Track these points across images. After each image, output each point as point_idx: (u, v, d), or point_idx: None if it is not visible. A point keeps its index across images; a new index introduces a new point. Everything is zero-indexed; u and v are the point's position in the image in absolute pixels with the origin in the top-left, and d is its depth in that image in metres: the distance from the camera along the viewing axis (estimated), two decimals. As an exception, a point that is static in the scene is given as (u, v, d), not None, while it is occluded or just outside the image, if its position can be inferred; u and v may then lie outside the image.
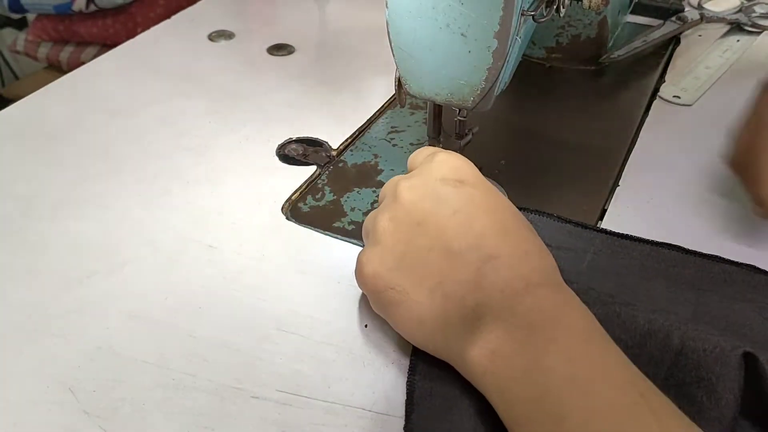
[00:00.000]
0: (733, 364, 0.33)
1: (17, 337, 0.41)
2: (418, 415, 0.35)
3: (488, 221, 0.35)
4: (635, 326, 0.36)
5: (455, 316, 0.34)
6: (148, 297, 0.43)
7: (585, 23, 0.65)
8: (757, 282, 0.42)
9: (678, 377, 0.34)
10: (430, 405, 0.35)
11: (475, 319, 0.33)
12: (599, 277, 0.42)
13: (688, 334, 0.34)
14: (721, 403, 0.33)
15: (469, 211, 0.36)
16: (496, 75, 0.40)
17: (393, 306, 0.36)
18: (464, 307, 0.33)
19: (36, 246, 0.47)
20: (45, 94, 0.65)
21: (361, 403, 0.37)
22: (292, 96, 0.64)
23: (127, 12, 1.37)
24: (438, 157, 0.39)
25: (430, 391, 0.36)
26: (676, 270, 0.42)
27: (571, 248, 0.44)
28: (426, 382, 0.36)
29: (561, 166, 0.54)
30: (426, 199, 0.37)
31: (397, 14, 0.39)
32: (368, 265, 0.37)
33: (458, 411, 0.34)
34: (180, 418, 0.36)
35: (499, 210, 0.36)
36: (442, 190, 0.37)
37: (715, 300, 0.40)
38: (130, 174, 0.54)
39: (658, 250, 0.44)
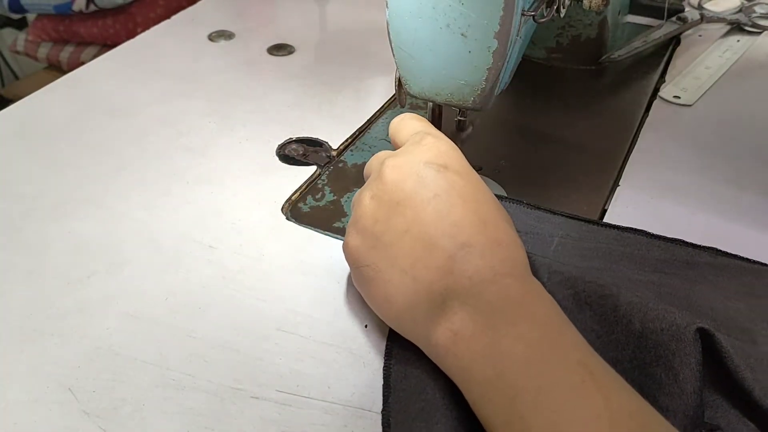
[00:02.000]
0: (687, 339, 0.34)
1: (17, 337, 0.41)
2: (395, 398, 0.36)
3: (466, 210, 0.35)
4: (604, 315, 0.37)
5: (423, 299, 0.35)
6: (148, 297, 0.43)
7: (585, 23, 0.65)
8: (719, 263, 0.43)
9: (641, 359, 0.35)
10: (405, 387, 0.36)
11: (441, 303, 0.34)
12: (566, 260, 0.43)
13: (647, 316, 0.36)
14: (679, 378, 0.34)
15: (449, 197, 0.36)
16: (496, 75, 0.40)
17: (367, 282, 0.37)
18: (432, 291, 0.34)
19: (36, 246, 0.47)
20: (45, 94, 0.65)
21: (361, 403, 0.37)
22: (292, 96, 0.64)
23: (127, 12, 1.37)
24: (426, 140, 0.39)
25: (404, 374, 0.37)
26: (640, 254, 0.43)
27: (539, 233, 0.45)
28: (401, 366, 0.37)
29: (561, 165, 0.54)
30: (407, 180, 0.37)
31: (398, 14, 0.39)
32: (350, 241, 0.38)
33: (431, 390, 0.35)
34: (180, 418, 0.36)
35: (479, 200, 0.36)
36: (424, 172, 0.37)
37: (678, 282, 0.41)
38: (130, 174, 0.54)
39: (624, 234, 0.45)
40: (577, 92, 0.65)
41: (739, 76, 0.65)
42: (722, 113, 0.55)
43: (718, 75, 0.65)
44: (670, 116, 0.60)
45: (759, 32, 0.71)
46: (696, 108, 0.61)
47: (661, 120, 0.59)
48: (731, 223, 0.48)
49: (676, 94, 0.62)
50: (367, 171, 0.43)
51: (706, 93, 0.62)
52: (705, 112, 0.60)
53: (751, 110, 0.60)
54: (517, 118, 0.61)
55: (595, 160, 0.54)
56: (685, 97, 0.61)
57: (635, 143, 0.56)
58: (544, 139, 0.58)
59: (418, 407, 0.34)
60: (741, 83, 0.64)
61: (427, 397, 0.35)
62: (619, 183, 0.52)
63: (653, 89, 0.63)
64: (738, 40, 0.70)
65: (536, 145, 0.57)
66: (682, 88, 0.63)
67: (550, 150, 0.56)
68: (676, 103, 0.61)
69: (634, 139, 0.57)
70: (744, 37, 0.71)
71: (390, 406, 0.35)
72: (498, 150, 0.56)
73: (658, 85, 0.64)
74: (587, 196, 0.50)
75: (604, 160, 0.54)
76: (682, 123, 0.59)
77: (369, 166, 0.42)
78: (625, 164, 0.54)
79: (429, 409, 0.34)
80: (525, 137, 0.58)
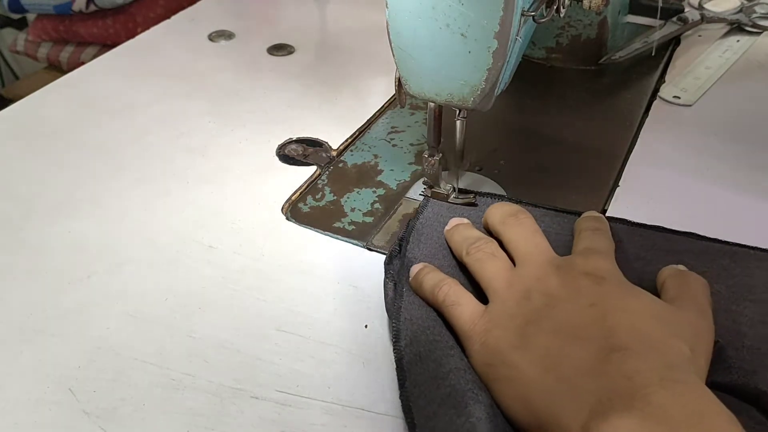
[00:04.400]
0: None
1: (17, 337, 0.41)
2: (411, 382, 0.35)
3: (621, 318, 0.34)
4: None
5: (570, 400, 0.32)
6: (148, 297, 0.43)
7: (585, 23, 0.65)
8: (697, 248, 0.43)
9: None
10: (421, 370, 0.36)
11: (594, 405, 0.31)
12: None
13: None
14: None
15: (605, 306, 0.35)
16: (496, 75, 0.40)
17: (501, 381, 0.35)
18: (582, 393, 0.32)
19: (36, 246, 0.47)
20: (45, 94, 0.65)
21: (361, 404, 0.37)
22: (292, 96, 0.64)
23: (127, 12, 1.37)
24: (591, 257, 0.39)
25: (418, 356, 0.36)
26: (622, 243, 0.44)
27: None
28: (412, 347, 0.37)
29: (561, 166, 0.54)
30: (564, 288, 0.37)
31: (397, 14, 0.39)
32: (492, 336, 0.36)
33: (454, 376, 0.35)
34: (180, 418, 0.36)
35: (636, 310, 0.35)
36: (583, 282, 0.37)
37: (659, 270, 0.41)
38: (130, 174, 0.54)
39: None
40: (576, 92, 0.65)
41: (739, 76, 0.65)
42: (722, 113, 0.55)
43: (718, 75, 0.65)
44: (670, 116, 0.60)
45: (759, 32, 0.71)
46: (696, 108, 0.61)
47: (661, 120, 0.59)
48: (731, 223, 0.48)
49: (676, 94, 0.62)
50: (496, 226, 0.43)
51: (706, 93, 0.62)
52: (705, 112, 0.60)
53: (751, 110, 0.60)
54: (517, 118, 0.61)
55: (595, 160, 0.54)
56: (685, 97, 0.61)
57: (635, 143, 0.56)
58: (544, 139, 0.57)
59: (444, 393, 0.34)
60: (741, 83, 0.64)
61: (451, 383, 0.34)
62: (619, 183, 0.52)
63: (653, 89, 0.63)
64: (738, 40, 0.70)
65: (536, 145, 0.57)
66: (682, 88, 0.63)
67: (549, 150, 0.56)
68: (676, 103, 0.61)
69: (634, 139, 0.57)
70: (744, 37, 0.71)
71: (408, 391, 0.35)
72: (498, 150, 0.56)
73: (658, 85, 0.64)
74: (587, 196, 0.50)
75: (604, 160, 0.54)
76: (682, 123, 0.59)
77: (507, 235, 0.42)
78: (625, 164, 0.54)
79: (456, 396, 0.34)
80: (525, 137, 0.58)
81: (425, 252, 0.44)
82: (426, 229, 0.45)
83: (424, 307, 0.39)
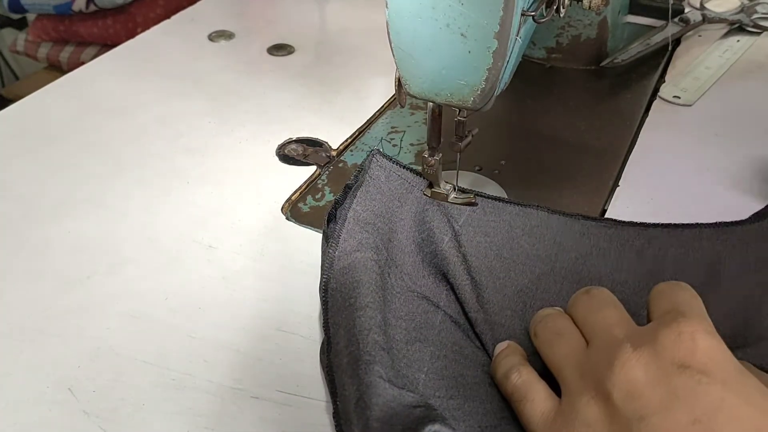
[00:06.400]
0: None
1: (17, 337, 0.41)
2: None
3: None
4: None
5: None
6: (148, 297, 0.43)
7: (585, 23, 0.65)
8: (611, 234, 0.44)
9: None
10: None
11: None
12: (471, 234, 0.44)
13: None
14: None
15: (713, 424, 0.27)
16: (496, 75, 0.40)
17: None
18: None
19: (36, 246, 0.47)
20: (45, 94, 0.65)
21: (361, 404, 0.37)
22: (292, 96, 0.64)
23: (127, 12, 1.37)
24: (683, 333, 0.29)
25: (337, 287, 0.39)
26: (540, 229, 0.44)
27: (449, 209, 0.46)
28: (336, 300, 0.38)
29: (561, 166, 0.54)
30: (657, 389, 0.28)
31: (397, 14, 0.39)
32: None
33: (362, 335, 0.35)
34: (180, 418, 0.36)
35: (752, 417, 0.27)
36: (680, 381, 0.28)
37: (573, 257, 0.42)
38: (130, 174, 0.54)
39: (526, 210, 0.46)
40: (576, 92, 0.65)
41: (739, 77, 0.65)
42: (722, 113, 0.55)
43: (718, 75, 0.65)
44: (670, 116, 0.60)
45: (759, 32, 0.71)
46: (696, 108, 0.61)
47: (661, 120, 0.59)
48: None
49: (676, 94, 0.62)
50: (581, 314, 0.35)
51: (706, 93, 0.62)
52: (705, 112, 0.60)
53: (751, 110, 0.60)
54: (517, 118, 0.61)
55: (595, 160, 0.54)
56: (685, 97, 0.61)
57: (635, 143, 0.56)
58: (544, 139, 0.57)
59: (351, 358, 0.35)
60: (741, 83, 0.64)
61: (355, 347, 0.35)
62: (618, 183, 0.52)
63: (653, 89, 0.63)
64: (738, 41, 0.70)
65: (536, 145, 0.57)
66: (682, 88, 0.63)
67: (549, 150, 0.56)
68: (676, 103, 0.61)
69: (634, 139, 0.57)
70: (744, 37, 0.71)
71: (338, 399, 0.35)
72: (498, 150, 0.56)
73: (658, 85, 0.64)
74: (587, 196, 0.50)
75: (604, 160, 0.54)
76: (682, 123, 0.59)
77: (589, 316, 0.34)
78: (625, 164, 0.54)
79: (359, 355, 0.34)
80: (525, 137, 0.58)
81: (371, 209, 0.44)
82: (372, 188, 0.45)
83: (349, 273, 0.39)
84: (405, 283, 0.41)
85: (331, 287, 0.39)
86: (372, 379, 0.33)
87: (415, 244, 0.44)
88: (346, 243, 0.41)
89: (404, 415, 0.31)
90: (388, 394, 0.32)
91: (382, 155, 0.47)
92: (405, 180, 0.47)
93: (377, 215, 0.44)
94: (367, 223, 0.43)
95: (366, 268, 0.39)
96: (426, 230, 0.44)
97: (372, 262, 0.40)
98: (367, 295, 0.37)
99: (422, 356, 0.37)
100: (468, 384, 0.36)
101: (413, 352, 0.37)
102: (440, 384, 0.36)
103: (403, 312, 0.39)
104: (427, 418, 0.30)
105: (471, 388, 0.36)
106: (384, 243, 0.42)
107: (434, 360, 0.37)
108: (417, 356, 0.37)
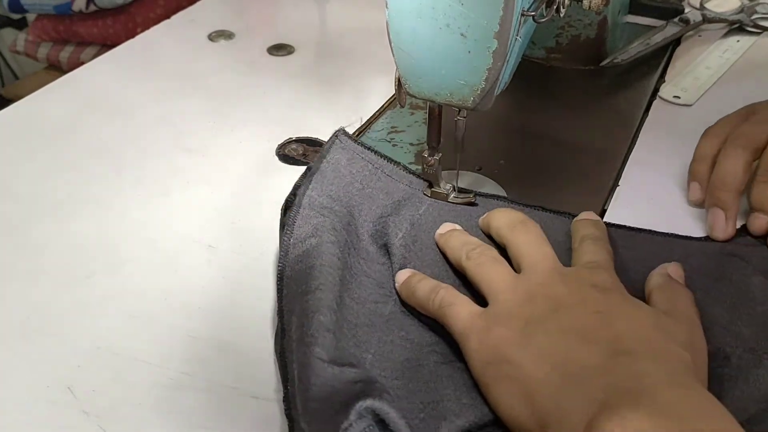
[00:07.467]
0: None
1: (17, 337, 0.41)
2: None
3: (626, 325, 0.34)
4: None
5: (575, 397, 0.32)
6: (148, 297, 0.43)
7: (585, 23, 0.65)
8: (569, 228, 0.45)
9: None
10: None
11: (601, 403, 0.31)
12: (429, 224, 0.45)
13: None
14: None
15: (610, 314, 0.35)
16: (496, 75, 0.40)
17: (501, 380, 0.34)
18: (588, 389, 0.32)
19: (36, 246, 0.47)
20: (45, 94, 0.65)
21: (361, 403, 0.37)
22: (292, 96, 0.64)
23: (127, 12, 1.37)
24: (597, 271, 0.39)
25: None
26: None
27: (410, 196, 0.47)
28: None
29: (561, 166, 0.54)
30: (570, 296, 0.36)
31: (397, 14, 0.39)
32: (494, 334, 0.35)
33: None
34: (179, 418, 0.36)
35: (639, 318, 0.35)
36: (589, 292, 0.37)
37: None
38: (130, 174, 0.54)
39: (486, 199, 0.47)
40: (576, 92, 0.65)
41: (739, 77, 0.65)
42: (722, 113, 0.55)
43: (718, 75, 0.65)
44: (670, 116, 0.60)
45: (759, 32, 0.71)
46: (696, 108, 0.61)
47: (661, 120, 0.59)
48: (731, 223, 0.47)
49: (676, 94, 0.62)
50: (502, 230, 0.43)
51: (706, 93, 0.62)
52: (705, 112, 0.60)
53: (751, 110, 0.60)
54: (517, 118, 0.61)
55: (594, 160, 0.54)
56: (685, 97, 0.61)
57: (635, 143, 0.56)
58: (544, 139, 0.57)
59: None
60: (741, 83, 0.64)
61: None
62: (618, 183, 0.52)
63: (653, 89, 0.63)
64: (738, 41, 0.70)
65: (536, 145, 0.57)
66: (682, 88, 0.63)
67: (549, 150, 0.56)
68: (676, 103, 0.61)
69: (634, 139, 0.57)
70: (744, 37, 0.71)
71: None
72: (498, 150, 0.56)
73: (657, 85, 0.64)
74: (587, 196, 0.50)
75: (604, 160, 0.54)
76: (682, 123, 0.59)
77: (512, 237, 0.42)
78: (625, 164, 0.54)
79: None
80: (525, 137, 0.58)
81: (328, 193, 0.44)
82: (330, 171, 0.46)
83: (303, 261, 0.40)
84: (362, 267, 0.42)
85: (287, 275, 0.40)
86: (311, 360, 0.33)
87: (374, 229, 0.44)
88: (300, 230, 0.41)
89: (344, 392, 0.32)
90: (328, 373, 0.33)
91: (346, 135, 0.48)
92: (369, 162, 0.47)
93: (334, 199, 0.44)
94: (323, 207, 0.43)
95: (320, 253, 0.39)
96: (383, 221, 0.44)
97: (329, 245, 0.40)
98: (319, 278, 0.38)
99: (370, 339, 0.37)
100: (413, 367, 0.37)
101: (361, 334, 0.37)
102: (386, 365, 0.36)
103: (356, 294, 0.40)
104: (363, 393, 0.31)
105: (416, 370, 0.36)
106: (343, 225, 0.42)
107: (381, 344, 0.37)
108: (365, 338, 0.37)
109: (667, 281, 0.40)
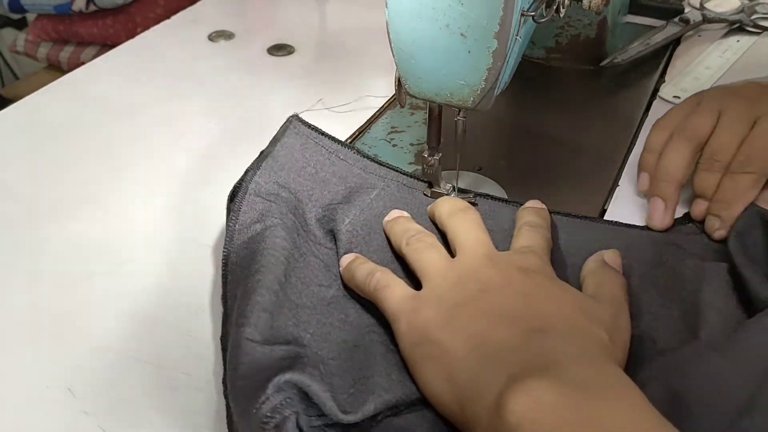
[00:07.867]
0: None
1: (17, 337, 0.41)
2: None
3: (547, 305, 0.36)
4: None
5: (492, 374, 0.32)
6: (147, 297, 0.43)
7: (585, 23, 0.65)
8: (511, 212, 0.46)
9: None
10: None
11: (515, 378, 0.31)
12: (378, 210, 0.46)
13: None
14: None
15: (533, 295, 0.37)
16: (496, 75, 0.40)
17: (427, 360, 0.35)
18: (503, 367, 0.32)
19: (36, 246, 0.47)
20: (45, 94, 0.65)
21: (361, 403, 0.37)
22: (292, 96, 0.64)
23: (127, 12, 1.37)
24: (527, 255, 0.40)
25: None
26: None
27: (363, 183, 0.47)
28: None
29: (561, 166, 0.54)
30: (497, 279, 0.38)
31: (397, 14, 0.39)
32: (421, 315, 0.36)
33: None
34: (179, 417, 0.36)
35: (560, 299, 0.37)
36: (515, 275, 0.38)
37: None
38: (130, 174, 0.54)
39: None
40: (576, 92, 0.65)
41: (739, 77, 0.65)
42: (722, 113, 0.55)
43: (718, 75, 0.65)
44: (670, 116, 0.59)
45: (759, 32, 0.71)
46: (696, 108, 0.60)
47: (661, 120, 0.59)
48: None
49: (676, 94, 0.62)
50: (442, 217, 0.44)
51: (706, 93, 0.62)
52: (705, 112, 0.60)
53: (751, 110, 0.60)
54: (517, 118, 0.61)
55: (594, 160, 0.54)
56: (685, 97, 0.61)
57: (635, 143, 0.56)
58: (544, 139, 0.57)
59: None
60: (741, 83, 0.64)
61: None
62: (618, 183, 0.52)
63: (653, 89, 0.63)
64: (738, 41, 0.70)
65: (536, 145, 0.57)
66: (682, 88, 0.63)
67: (549, 150, 0.56)
68: (676, 103, 0.61)
69: (634, 139, 0.57)
70: (744, 37, 0.70)
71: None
72: (498, 150, 0.56)
73: (657, 85, 0.64)
74: (587, 196, 0.50)
75: (604, 160, 0.54)
76: (682, 123, 0.58)
77: (448, 221, 0.43)
78: (625, 164, 0.54)
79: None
80: (524, 137, 0.58)
81: (276, 179, 0.44)
82: (282, 157, 0.46)
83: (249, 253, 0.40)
84: (311, 248, 0.42)
85: (231, 261, 0.40)
86: (241, 341, 0.34)
87: (322, 214, 0.45)
88: (246, 216, 0.42)
89: (270, 368, 0.32)
90: (257, 352, 0.33)
91: (300, 121, 0.48)
92: (323, 147, 0.47)
93: (282, 185, 0.44)
94: (269, 193, 0.43)
95: (264, 237, 0.40)
96: (332, 207, 0.45)
97: (274, 228, 0.40)
98: (261, 260, 0.38)
99: (309, 320, 0.38)
100: (349, 348, 0.37)
101: (302, 314, 0.38)
102: (323, 345, 0.37)
103: (302, 274, 0.40)
104: (288, 368, 0.31)
105: (352, 351, 0.37)
106: (290, 209, 0.43)
107: (320, 326, 0.38)
108: (305, 319, 0.38)
109: (600, 266, 0.41)
